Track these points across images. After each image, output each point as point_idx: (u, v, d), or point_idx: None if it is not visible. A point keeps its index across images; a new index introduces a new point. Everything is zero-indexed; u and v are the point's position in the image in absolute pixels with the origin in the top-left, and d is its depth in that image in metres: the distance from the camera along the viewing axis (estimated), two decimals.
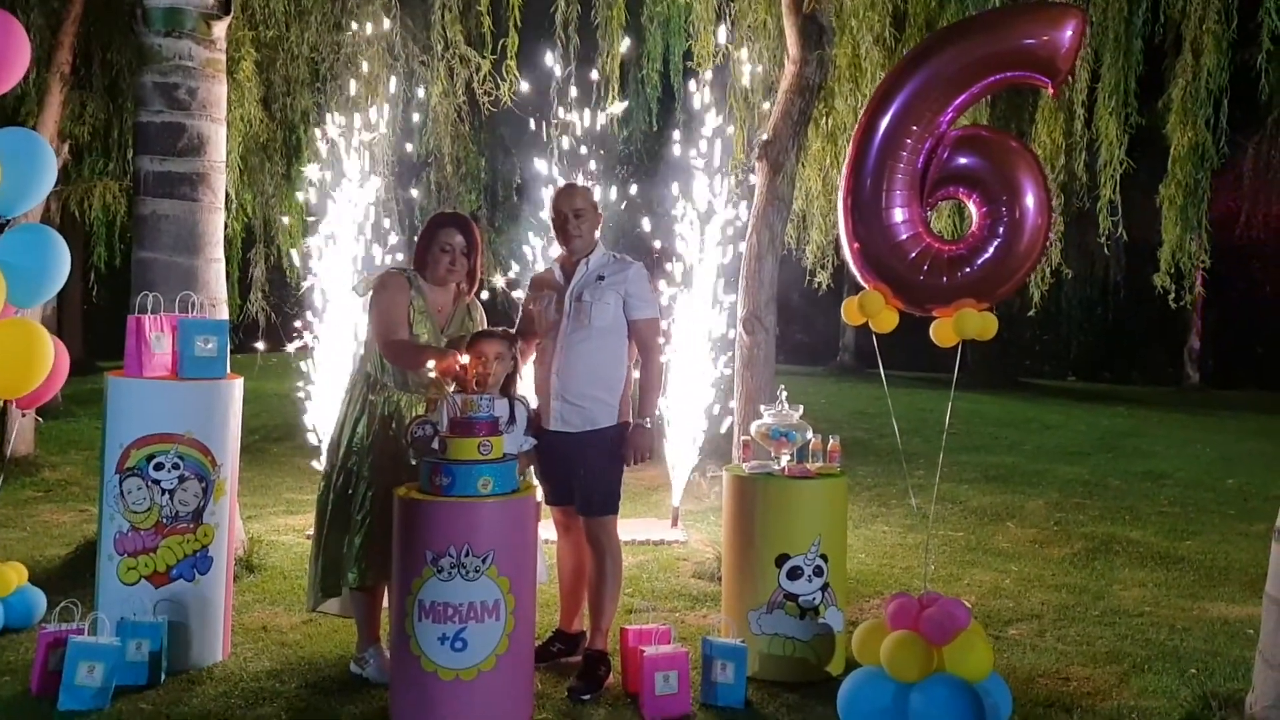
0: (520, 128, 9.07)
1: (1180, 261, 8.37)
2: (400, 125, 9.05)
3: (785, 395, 5.00)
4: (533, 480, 4.58)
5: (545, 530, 4.43)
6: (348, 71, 8.53)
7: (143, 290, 5.21)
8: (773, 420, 4.81)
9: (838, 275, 10.76)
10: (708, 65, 7.58)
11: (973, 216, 4.37)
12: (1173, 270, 8.47)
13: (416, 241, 4.65)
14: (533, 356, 4.69)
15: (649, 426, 4.52)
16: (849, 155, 4.39)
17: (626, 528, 5.30)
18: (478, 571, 3.86)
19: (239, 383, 4.75)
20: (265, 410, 11.48)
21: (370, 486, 4.39)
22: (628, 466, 4.54)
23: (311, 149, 9.00)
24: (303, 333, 7.61)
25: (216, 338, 4.63)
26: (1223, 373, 22.13)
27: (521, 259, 8.00)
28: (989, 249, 4.23)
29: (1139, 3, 7.49)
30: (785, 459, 4.77)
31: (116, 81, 9.97)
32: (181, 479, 4.48)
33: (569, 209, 4.61)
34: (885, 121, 4.22)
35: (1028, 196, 4.20)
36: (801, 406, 4.87)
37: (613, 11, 7.75)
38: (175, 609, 4.47)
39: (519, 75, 8.02)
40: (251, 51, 8.76)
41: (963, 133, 4.39)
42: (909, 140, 4.22)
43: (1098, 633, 5.28)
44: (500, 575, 3.90)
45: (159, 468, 4.45)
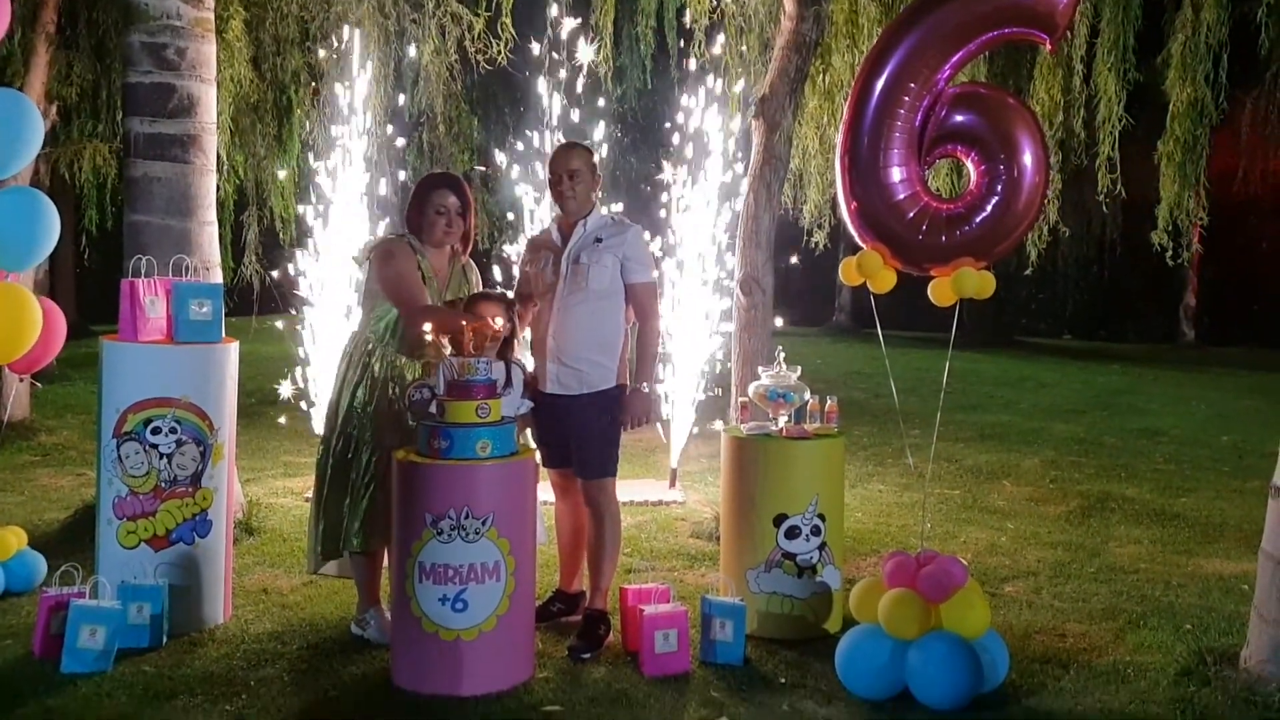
0: (513, 86, 8.99)
1: (1178, 219, 8.34)
2: (391, 84, 8.95)
3: (783, 356, 4.99)
4: (530, 443, 4.59)
5: (543, 492, 4.43)
6: (338, 30, 8.42)
7: (136, 254, 5.17)
8: (770, 381, 4.80)
9: (834, 234, 10.71)
10: (703, 22, 7.50)
11: (970, 175, 4.34)
12: (1170, 228, 8.44)
13: (408, 205, 4.60)
14: (530, 319, 4.68)
15: (646, 391, 4.52)
16: (846, 114, 4.35)
17: (624, 488, 5.31)
18: (478, 533, 3.88)
19: (234, 346, 4.74)
20: (261, 373, 11.45)
21: (373, 451, 4.39)
22: (625, 431, 4.54)
23: (304, 110, 8.92)
24: (293, 295, 7.55)
25: (211, 301, 4.61)
26: (1218, 330, 22.11)
27: (519, 214, 7.91)
28: (987, 207, 4.21)
29: None
30: (783, 420, 4.77)
31: (104, 41, 9.84)
32: (179, 443, 4.47)
33: (563, 169, 4.56)
34: (882, 79, 4.19)
35: (1026, 154, 4.17)
36: (800, 368, 4.87)
37: None
38: (175, 572, 4.48)
39: (514, 34, 7.92)
40: (240, 10, 8.63)
41: (961, 90, 4.35)
42: (906, 98, 4.19)
43: (1093, 589, 5.31)
44: (500, 537, 3.92)
45: (156, 432, 4.44)
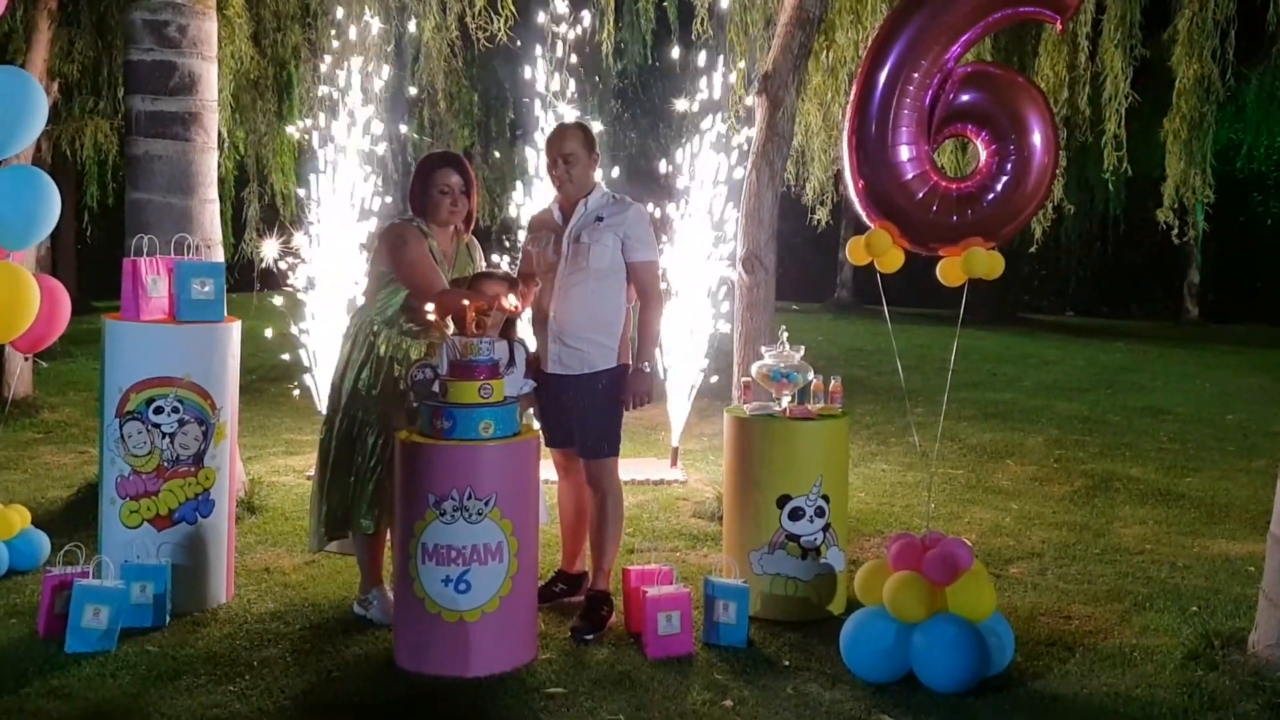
0: (515, 62, 8.91)
1: (1184, 196, 8.29)
2: (393, 61, 8.89)
3: (786, 336, 4.96)
4: (533, 423, 4.57)
5: (546, 471, 4.42)
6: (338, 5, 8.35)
7: (137, 232, 5.16)
8: (774, 361, 4.78)
9: (835, 211, 10.68)
10: None
11: (980, 154, 4.31)
12: (1176, 205, 8.39)
13: (411, 185, 4.56)
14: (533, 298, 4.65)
15: (648, 370, 4.49)
16: (854, 92, 4.31)
17: (626, 467, 5.29)
18: (480, 514, 3.87)
19: (237, 325, 4.72)
20: (263, 350, 11.43)
21: (379, 434, 4.37)
22: (627, 410, 4.52)
23: (304, 86, 8.87)
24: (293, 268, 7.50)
25: (213, 280, 4.59)
26: (1221, 307, 22.04)
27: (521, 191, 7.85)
28: (997, 187, 4.18)
29: None
30: (786, 400, 4.75)
31: (105, 18, 9.78)
32: (181, 422, 4.46)
33: (558, 153, 4.50)
34: (892, 57, 4.15)
35: (1036, 135, 4.14)
36: (803, 347, 4.84)
37: None
38: (179, 551, 4.48)
39: (514, 11, 7.86)
40: None
41: (972, 69, 4.31)
42: (916, 75, 4.14)
43: (1099, 570, 5.30)
44: (503, 518, 3.90)
45: (159, 411, 4.43)
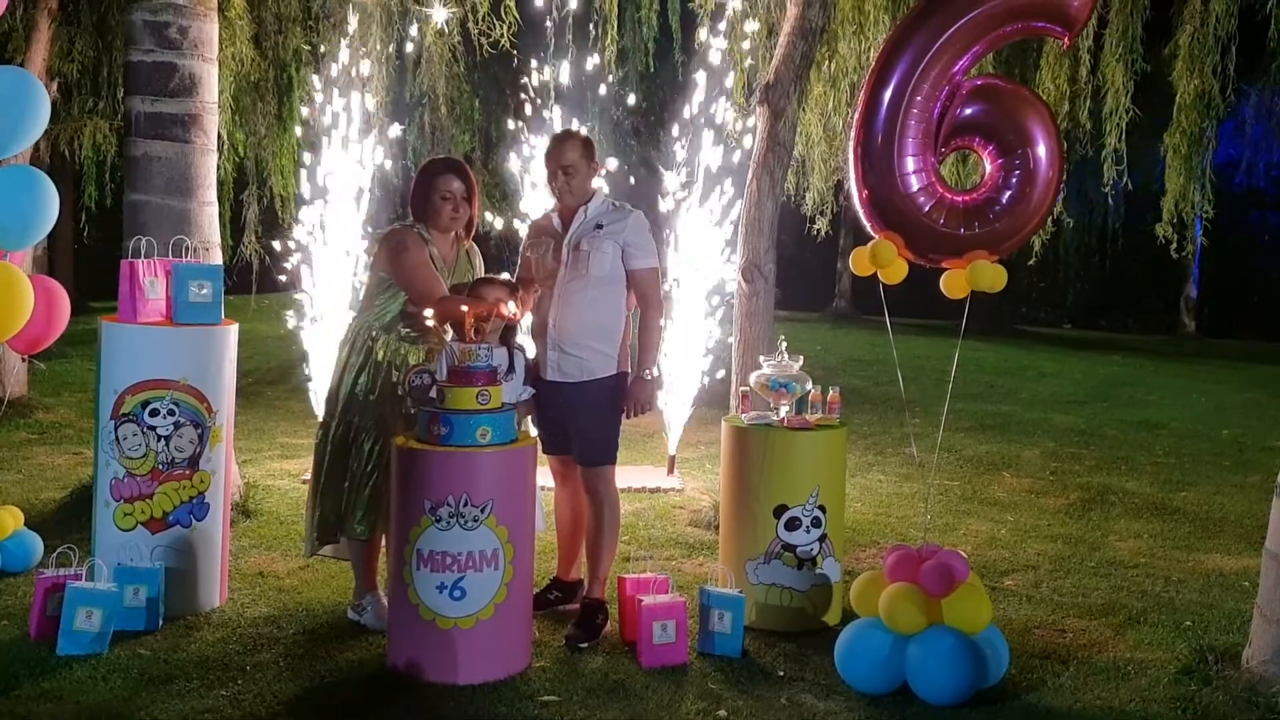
0: (516, 69, 8.91)
1: (1183, 211, 8.30)
2: (394, 65, 8.89)
3: (785, 345, 4.96)
4: (530, 430, 4.56)
5: (542, 478, 4.41)
6: (340, 8, 8.35)
7: (135, 233, 5.14)
8: (772, 371, 4.77)
9: (834, 221, 10.68)
10: (708, 6, 7.44)
11: (985, 167, 4.31)
12: (1175, 220, 8.40)
13: (412, 190, 4.55)
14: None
15: (648, 379, 4.48)
16: (860, 104, 4.30)
17: (622, 475, 5.28)
18: (476, 521, 3.86)
19: (234, 329, 4.71)
20: (259, 353, 11.44)
21: (376, 440, 4.36)
22: (626, 419, 4.51)
23: (304, 89, 8.87)
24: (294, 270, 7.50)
25: (211, 283, 4.57)
26: (1218, 321, 22.11)
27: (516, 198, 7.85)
28: (1003, 200, 4.18)
29: None
30: (784, 410, 4.74)
31: (105, 18, 9.78)
32: (177, 425, 4.45)
33: (557, 165, 4.48)
34: (899, 70, 4.14)
35: (1042, 149, 4.14)
36: (801, 357, 4.84)
37: None
38: (172, 555, 4.46)
39: (518, 16, 7.86)
40: None
41: (979, 83, 4.31)
42: (924, 88, 4.14)
43: (1094, 584, 5.30)
44: (499, 525, 3.89)
45: (154, 414, 4.41)
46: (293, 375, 7.77)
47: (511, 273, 4.74)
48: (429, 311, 4.19)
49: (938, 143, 4.24)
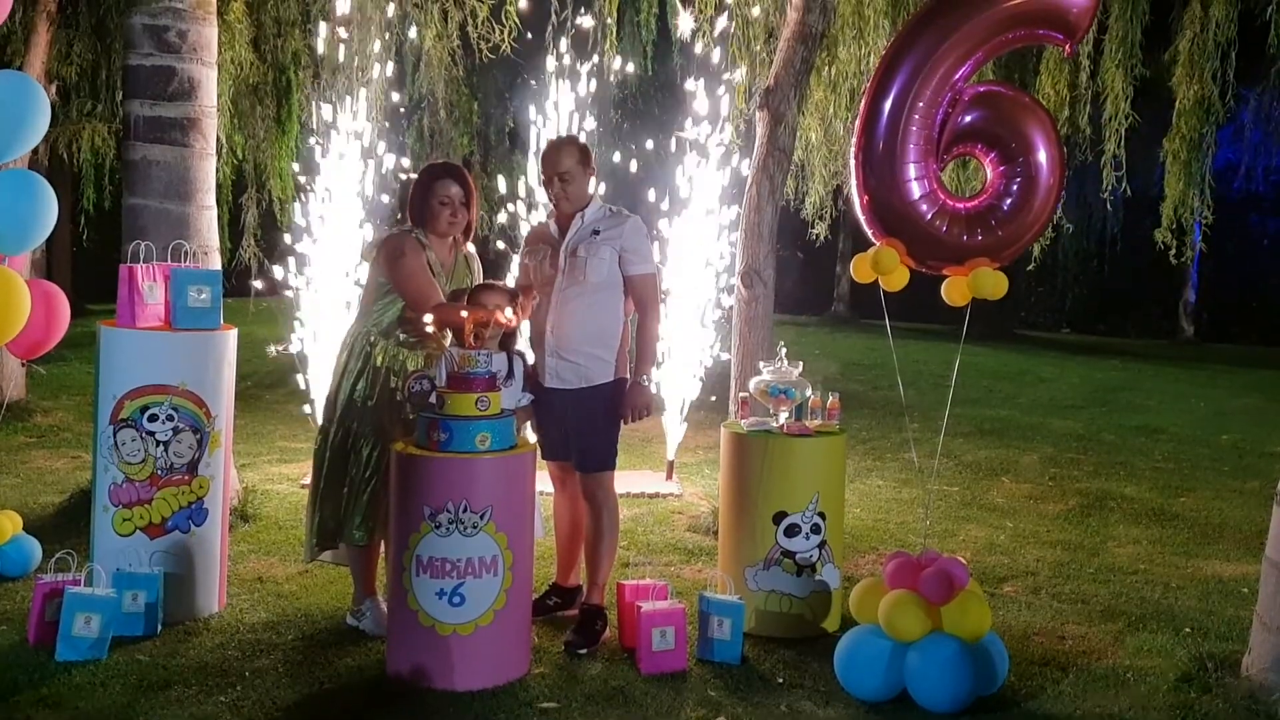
0: (515, 72, 8.90)
1: (1182, 217, 8.31)
2: (394, 68, 8.88)
3: (785, 351, 4.95)
4: (530, 436, 4.55)
5: (541, 483, 4.40)
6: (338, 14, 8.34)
7: (134, 238, 5.14)
8: (772, 377, 4.77)
9: (833, 226, 10.68)
10: (708, 11, 7.44)
11: (986, 174, 4.31)
12: (1174, 226, 8.41)
13: (410, 195, 4.54)
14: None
15: (646, 384, 4.48)
16: (862, 111, 4.30)
17: (621, 480, 5.25)
18: (475, 527, 3.85)
19: (233, 334, 4.70)
20: (258, 356, 11.40)
21: (374, 446, 4.35)
22: (625, 424, 4.51)
23: (303, 92, 8.86)
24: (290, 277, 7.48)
25: (210, 288, 4.57)
26: (1217, 326, 22.10)
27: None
28: (1004, 208, 4.19)
29: None
30: (784, 416, 4.74)
31: (104, 21, 9.77)
32: (176, 431, 4.44)
33: (554, 172, 4.46)
34: (901, 76, 4.14)
35: (1044, 156, 4.15)
36: (801, 363, 4.83)
37: None
38: (171, 560, 4.46)
39: (519, 21, 7.86)
40: None
41: (981, 90, 4.31)
42: (926, 94, 4.14)
43: (1093, 590, 5.29)
44: (498, 531, 3.89)
45: (153, 419, 4.41)
46: (291, 380, 7.74)
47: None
48: (428, 317, 4.19)
49: (939, 150, 4.24)
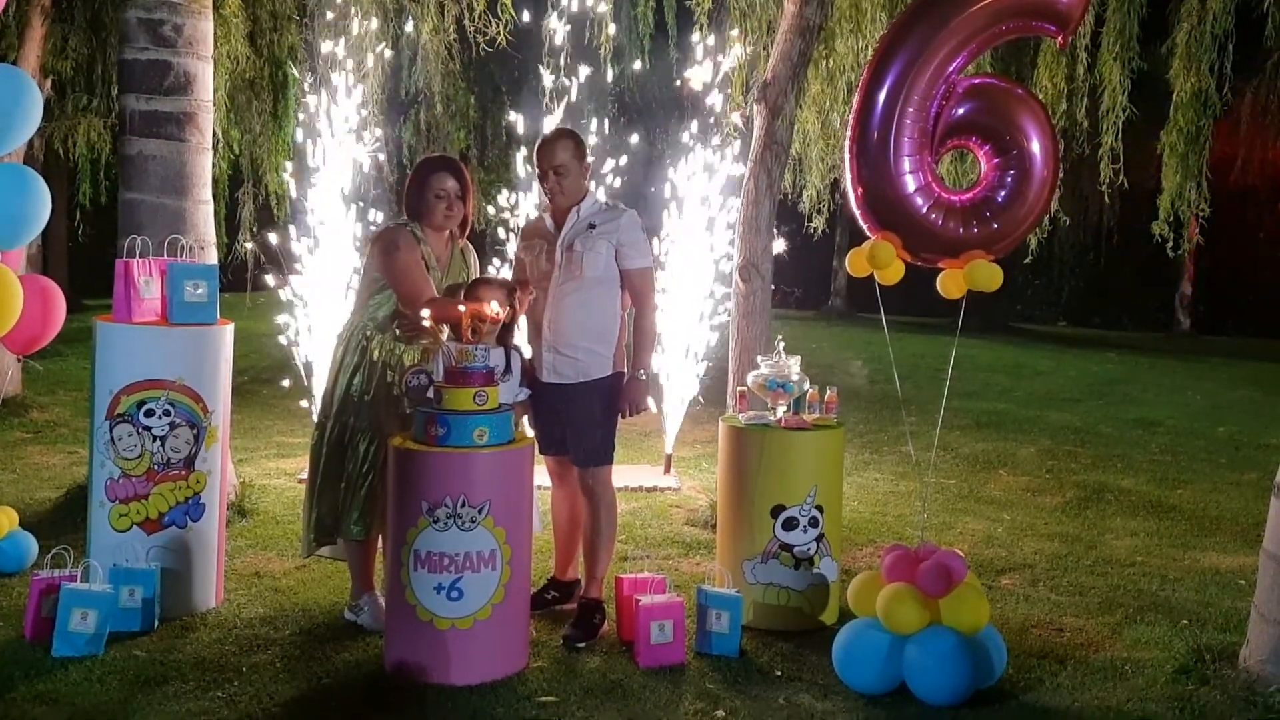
0: (512, 66, 8.88)
1: (1179, 210, 8.29)
2: (390, 62, 8.86)
3: (783, 346, 4.94)
4: (528, 431, 4.55)
5: (539, 478, 4.40)
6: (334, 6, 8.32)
7: (130, 232, 5.13)
8: (769, 371, 4.77)
9: (830, 220, 10.64)
10: (705, 4, 7.42)
11: (980, 167, 4.30)
12: (1171, 219, 8.39)
13: (406, 188, 4.53)
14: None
15: (643, 378, 4.48)
16: (856, 104, 4.29)
17: (619, 474, 5.27)
18: (474, 522, 3.85)
19: (230, 328, 4.69)
20: (255, 351, 11.39)
21: (372, 441, 4.35)
22: (622, 419, 4.50)
23: (299, 86, 8.83)
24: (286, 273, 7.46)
25: (206, 283, 4.56)
26: (1213, 319, 22.09)
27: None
28: (999, 200, 4.18)
29: None
30: (782, 410, 4.74)
31: (99, 15, 9.72)
32: (173, 426, 4.43)
33: (549, 165, 4.45)
34: (895, 69, 4.13)
35: (1038, 149, 4.14)
36: (799, 356, 4.83)
37: None
38: (168, 555, 4.45)
39: (514, 14, 7.83)
40: None
41: (976, 82, 4.31)
42: (920, 87, 4.13)
43: (1090, 582, 5.30)
44: (496, 526, 3.89)
45: (150, 414, 4.40)
46: (289, 374, 7.73)
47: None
48: (425, 311, 4.18)
49: (934, 142, 4.23)
